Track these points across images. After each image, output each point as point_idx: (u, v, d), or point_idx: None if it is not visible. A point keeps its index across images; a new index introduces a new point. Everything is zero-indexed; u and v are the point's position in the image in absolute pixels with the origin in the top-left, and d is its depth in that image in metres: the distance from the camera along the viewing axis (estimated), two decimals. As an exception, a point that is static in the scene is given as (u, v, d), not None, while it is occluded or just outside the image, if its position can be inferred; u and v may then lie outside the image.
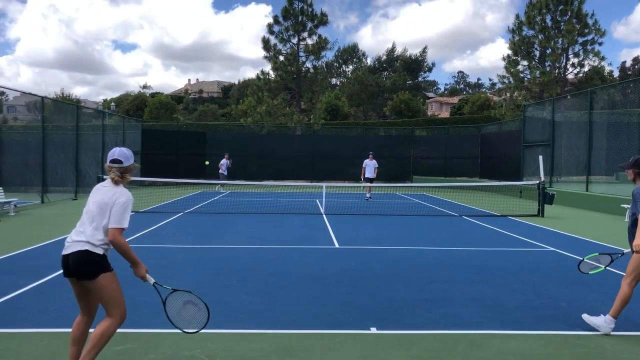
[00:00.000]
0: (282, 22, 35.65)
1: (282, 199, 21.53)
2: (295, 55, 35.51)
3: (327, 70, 40.03)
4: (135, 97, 63.84)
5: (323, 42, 35.75)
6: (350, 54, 74.00)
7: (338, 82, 72.56)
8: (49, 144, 19.40)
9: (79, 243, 3.91)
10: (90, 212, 4.00)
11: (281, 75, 35.72)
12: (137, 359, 4.52)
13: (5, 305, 6.05)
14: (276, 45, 35.77)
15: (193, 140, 32.11)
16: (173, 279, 7.41)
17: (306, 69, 36.50)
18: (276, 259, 9.05)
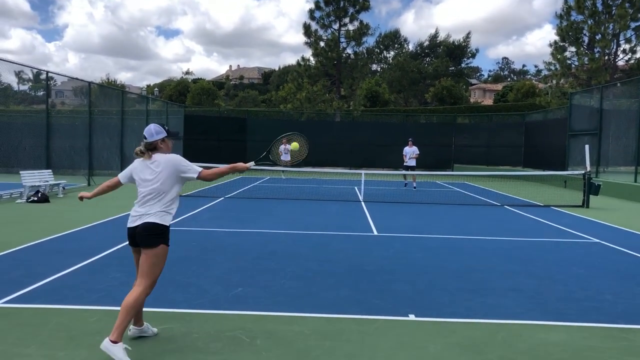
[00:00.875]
0: (323, 7, 35.49)
1: (321, 185, 21.61)
2: (336, 41, 35.35)
3: (368, 56, 39.62)
4: (178, 83, 64.86)
5: (364, 27, 35.45)
6: (391, 39, 73.15)
7: (379, 68, 71.91)
8: (95, 128, 19.99)
9: (149, 216, 4.37)
10: (154, 189, 4.41)
11: (321, 61, 35.64)
12: (180, 337, 4.66)
13: (56, 282, 6.31)
14: (317, 31, 35.69)
15: (234, 125, 32.48)
16: (215, 261, 7.58)
17: (347, 55, 36.30)
18: (315, 245, 9.13)
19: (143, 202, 4.40)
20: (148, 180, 4.40)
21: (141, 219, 4.35)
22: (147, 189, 4.39)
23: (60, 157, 20.16)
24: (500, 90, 70.28)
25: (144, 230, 4.31)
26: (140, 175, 4.44)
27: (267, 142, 20.84)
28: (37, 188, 14.41)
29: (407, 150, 20.60)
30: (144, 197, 4.40)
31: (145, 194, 4.39)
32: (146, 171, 4.44)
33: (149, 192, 4.39)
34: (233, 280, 6.61)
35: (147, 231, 4.31)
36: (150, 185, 4.39)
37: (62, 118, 26.22)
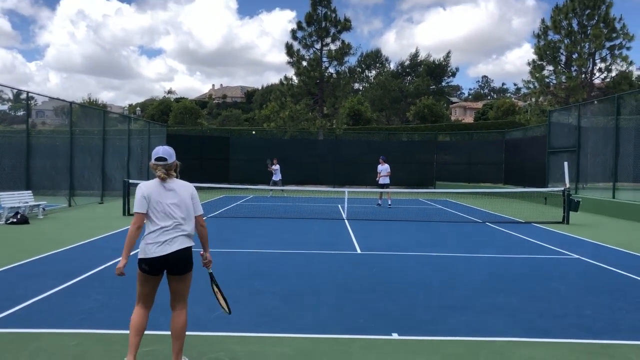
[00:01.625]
0: (305, 27, 35.83)
1: (304, 204, 21.62)
2: (318, 61, 35.65)
3: (350, 75, 40.00)
4: (160, 102, 64.73)
5: (346, 47, 35.83)
6: (373, 59, 73.98)
7: (361, 87, 72.55)
8: (76, 148, 19.82)
9: (185, 238, 4.27)
10: (180, 211, 4.27)
11: (304, 80, 35.88)
12: (164, 359, 4.62)
13: (35, 306, 6.22)
14: (299, 51, 35.96)
15: (217, 144, 32.45)
16: (197, 282, 7.51)
17: (329, 74, 36.60)
18: (298, 264, 9.12)
19: (172, 227, 4.21)
20: (174, 204, 4.26)
21: (176, 244, 4.20)
22: (176, 214, 4.24)
23: (40, 177, 19.94)
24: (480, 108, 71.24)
25: (183, 256, 4.24)
26: (160, 199, 4.24)
27: (250, 161, 20.94)
28: (16, 209, 14.22)
29: (380, 169, 20.63)
30: (173, 222, 4.22)
31: (177, 218, 4.24)
32: (167, 194, 4.27)
33: (179, 217, 4.25)
34: (215, 301, 6.55)
35: (186, 256, 4.27)
36: (178, 209, 4.26)
37: (43, 138, 26.02)
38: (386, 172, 20.47)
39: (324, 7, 35.56)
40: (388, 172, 20.52)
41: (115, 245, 10.54)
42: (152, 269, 4.23)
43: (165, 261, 4.20)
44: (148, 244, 4.19)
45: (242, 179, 30.37)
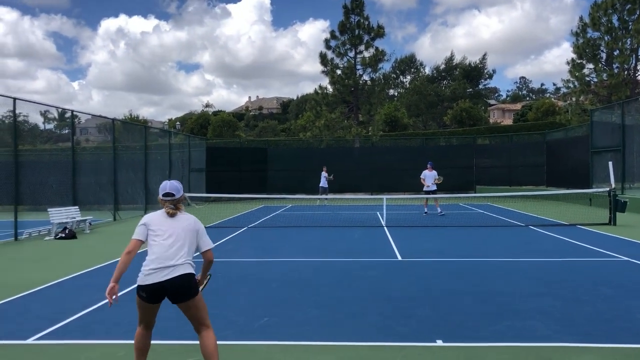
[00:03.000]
0: (338, 36, 35.96)
1: (342, 212, 21.63)
2: (352, 69, 35.70)
3: (385, 81, 39.90)
4: (199, 116, 65.86)
5: (380, 54, 35.78)
6: (407, 64, 73.62)
7: (396, 93, 72.24)
8: (119, 163, 20.38)
9: (181, 268, 4.25)
10: (180, 239, 4.31)
11: (339, 88, 35.97)
12: (209, 369, 4.69)
13: (85, 318, 6.42)
14: (333, 60, 36.09)
15: (255, 156, 32.81)
16: (240, 292, 7.64)
17: (363, 81, 36.59)
18: (339, 271, 9.13)
19: (173, 257, 4.25)
20: (179, 237, 4.32)
21: (174, 272, 4.22)
22: (180, 246, 4.30)
23: (86, 193, 20.54)
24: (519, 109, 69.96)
25: (181, 282, 4.24)
26: (162, 230, 4.31)
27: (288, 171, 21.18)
28: (64, 225, 14.70)
29: (427, 175, 19.55)
30: (175, 252, 4.26)
31: (177, 250, 4.27)
32: (170, 226, 4.33)
33: (183, 249, 4.30)
34: (258, 310, 6.65)
35: (186, 282, 4.27)
36: (184, 242, 4.33)
37: (87, 155, 26.81)
38: (435, 179, 19.48)
39: (356, 15, 35.65)
40: (436, 178, 19.50)
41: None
42: (149, 296, 4.24)
43: (163, 289, 4.20)
44: (146, 271, 4.22)
45: (280, 189, 30.62)
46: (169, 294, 4.23)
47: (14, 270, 9.91)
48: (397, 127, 52.40)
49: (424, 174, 19.70)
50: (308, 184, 29.61)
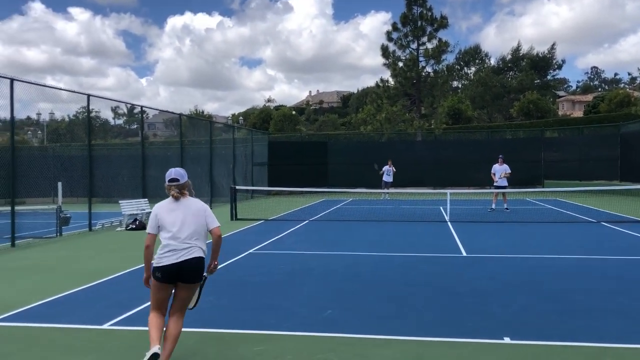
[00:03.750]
0: (400, 28, 35.55)
1: (404, 206, 21.42)
2: (414, 61, 35.23)
3: (448, 73, 39.05)
4: (261, 111, 66.86)
5: (443, 45, 35.10)
6: (472, 55, 71.79)
7: (460, 85, 70.68)
8: (186, 157, 20.98)
9: (195, 250, 4.54)
10: (189, 223, 4.58)
11: (400, 81, 35.57)
12: (275, 358, 4.77)
13: (156, 305, 6.65)
14: (395, 52, 35.73)
15: (315, 150, 32.96)
16: (303, 284, 7.71)
17: (426, 73, 36.04)
18: (402, 266, 9.06)
19: (185, 238, 4.51)
20: (184, 220, 4.56)
21: (188, 253, 4.48)
22: (190, 227, 4.55)
23: (154, 186, 21.27)
24: (590, 101, 66.88)
25: (196, 265, 4.51)
26: (171, 216, 4.58)
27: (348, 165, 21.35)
28: (135, 216, 15.30)
29: (497, 169, 18.77)
30: (185, 235, 4.52)
31: (188, 231, 4.53)
32: (178, 211, 4.59)
33: (193, 230, 4.56)
34: (321, 302, 6.69)
35: (199, 266, 4.55)
36: (193, 223, 4.58)
37: (155, 149, 27.79)
38: (506, 173, 18.63)
39: (419, 6, 35.11)
40: (508, 172, 18.67)
41: (225, 249, 11.02)
42: (165, 276, 4.48)
43: (179, 269, 4.45)
44: (161, 254, 4.49)
45: (341, 183, 30.63)
46: (181, 274, 4.48)
47: (89, 258, 10.41)
48: (461, 120, 51.28)
49: (494, 168, 18.95)
50: (368, 178, 29.47)
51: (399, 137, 36.00)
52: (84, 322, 5.95)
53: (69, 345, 5.25)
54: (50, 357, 4.89)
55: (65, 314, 6.33)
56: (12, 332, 5.68)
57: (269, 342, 5.20)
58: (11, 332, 5.68)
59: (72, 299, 7.11)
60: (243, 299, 6.92)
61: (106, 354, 4.98)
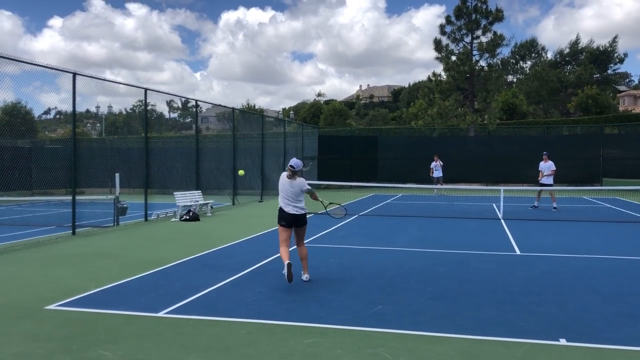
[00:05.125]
0: (454, 21, 34.87)
1: (456, 202, 21.09)
2: (468, 54, 34.51)
3: (503, 67, 38.17)
4: (312, 105, 67.08)
5: (498, 38, 34.22)
6: (528, 48, 69.74)
7: (515, 79, 68.82)
8: (238, 150, 21.31)
9: (300, 208, 7.55)
10: (294, 193, 7.52)
11: (453, 75, 34.91)
12: (325, 352, 4.80)
13: (209, 295, 6.81)
14: (448, 46, 35.07)
15: (365, 144, 32.84)
16: (353, 278, 7.72)
17: (480, 67, 35.24)
18: (454, 264, 8.93)
19: (293, 201, 7.50)
20: (295, 190, 7.53)
21: (298, 210, 7.50)
22: (295, 195, 7.52)
23: (207, 178, 21.74)
24: (655, 95, 63.81)
25: (302, 216, 7.58)
26: (289, 187, 7.53)
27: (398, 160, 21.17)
28: (188, 207, 15.66)
29: (542, 166, 18.22)
30: (293, 199, 7.50)
31: (294, 197, 7.51)
32: (290, 184, 7.54)
33: (297, 196, 7.53)
34: (372, 297, 6.68)
35: (302, 217, 7.58)
36: (298, 193, 7.54)
37: (208, 142, 28.32)
38: (550, 171, 18.09)
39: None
40: (552, 170, 18.10)
41: (277, 241, 11.14)
42: (287, 222, 7.52)
43: (294, 218, 7.50)
44: (284, 207, 7.53)
45: (391, 178, 30.41)
46: (296, 220, 7.51)
47: (145, 248, 10.74)
48: (516, 115, 49.93)
49: (540, 166, 18.40)
50: (419, 173, 29.13)
51: (450, 132, 35.42)
52: (141, 310, 6.14)
53: (126, 331, 5.44)
54: (108, 342, 5.08)
55: (123, 300, 6.55)
56: (74, 316, 5.93)
57: (320, 336, 5.24)
58: (72, 316, 5.93)
59: (129, 286, 7.36)
60: (293, 292, 6.99)
61: (162, 340, 5.12)
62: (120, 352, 4.80)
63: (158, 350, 4.86)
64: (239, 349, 4.89)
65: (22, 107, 34.56)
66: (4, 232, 12.58)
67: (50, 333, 5.36)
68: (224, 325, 5.59)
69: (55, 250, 10.33)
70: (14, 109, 34.00)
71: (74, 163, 12.99)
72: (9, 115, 30.09)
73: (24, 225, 14.19)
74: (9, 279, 7.82)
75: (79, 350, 4.86)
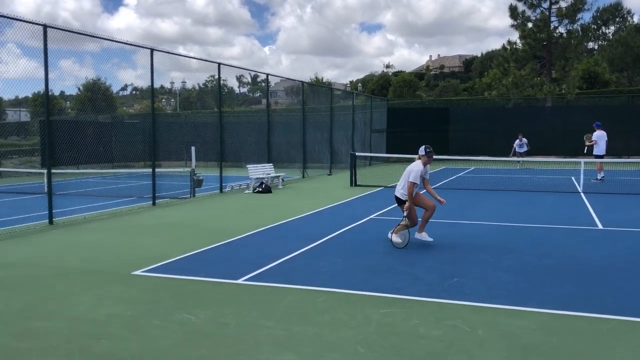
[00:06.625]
0: (531, -14, 33.21)
1: (532, 176, 20.38)
2: (545, 21, 32.83)
3: (583, 34, 35.94)
4: (380, 77, 66.30)
5: (579, 3, 32.29)
6: (611, 13, 65.55)
7: (596, 46, 65.00)
8: (307, 124, 21.45)
9: (398, 191, 8.21)
10: (402, 177, 8.17)
11: (529, 43, 33.35)
12: (402, 322, 4.82)
13: (285, 264, 6.98)
14: (524, 12, 33.47)
15: (436, 116, 32.16)
16: (427, 251, 7.67)
17: (558, 34, 33.46)
18: (532, 238, 8.67)
19: (398, 185, 8.29)
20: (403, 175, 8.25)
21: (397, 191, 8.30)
22: (402, 179, 8.24)
23: (278, 152, 22.08)
24: None
25: (398, 199, 8.27)
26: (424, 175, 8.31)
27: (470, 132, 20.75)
28: (261, 180, 15.99)
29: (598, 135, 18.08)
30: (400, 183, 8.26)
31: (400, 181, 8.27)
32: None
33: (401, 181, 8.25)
34: (447, 270, 6.62)
35: (399, 199, 8.26)
36: (402, 178, 8.24)
37: (277, 116, 28.65)
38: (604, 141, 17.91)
39: (553, -40, 32.50)
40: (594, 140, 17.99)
41: (348, 213, 11.24)
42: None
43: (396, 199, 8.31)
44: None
45: (462, 150, 29.70)
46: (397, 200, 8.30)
47: (221, 218, 11.10)
48: (597, 84, 47.28)
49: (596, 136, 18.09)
50: (493, 146, 28.29)
51: (526, 102, 34.07)
52: (220, 277, 6.38)
53: (209, 296, 5.67)
54: (192, 306, 5.32)
55: (203, 267, 6.83)
56: (159, 281, 6.25)
57: (395, 306, 5.26)
58: (158, 281, 6.25)
59: (208, 254, 7.65)
60: (367, 263, 7.04)
61: (242, 306, 5.31)
62: (203, 316, 5.02)
63: (238, 315, 5.04)
64: (316, 316, 5.00)
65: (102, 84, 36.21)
66: (92, 202, 13.34)
67: (138, 297, 5.68)
68: (300, 293, 5.72)
69: (138, 219, 10.86)
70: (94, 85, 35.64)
71: (154, 137, 13.52)
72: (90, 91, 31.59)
73: (109, 197, 14.98)
74: (98, 246, 8.31)
75: (165, 313, 5.13)
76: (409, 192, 7.86)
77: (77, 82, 31.89)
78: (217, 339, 4.49)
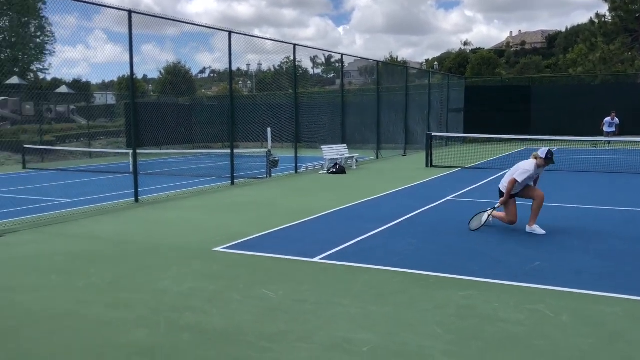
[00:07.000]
0: (624, -47, 31.04)
1: (620, 157, 19.25)
2: (640, -9, 30.67)
3: (682, 3, 33.30)
4: (457, 55, 64.46)
5: (678, -31, 29.94)
6: None
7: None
8: (382, 104, 21.24)
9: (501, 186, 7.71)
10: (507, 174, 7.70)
11: (620, 15, 31.36)
12: (481, 305, 4.72)
13: (360, 244, 7.00)
14: (616, -18, 31.42)
15: (516, 94, 30.89)
16: (506, 234, 7.45)
17: (653, 5, 31.21)
18: (621, 222, 8.23)
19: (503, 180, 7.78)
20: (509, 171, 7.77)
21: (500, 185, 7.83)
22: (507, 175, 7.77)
23: (352, 132, 22.04)
24: None
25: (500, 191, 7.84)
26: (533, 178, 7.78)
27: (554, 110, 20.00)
28: (335, 161, 16.04)
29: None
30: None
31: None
32: None
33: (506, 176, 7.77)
34: (528, 253, 6.40)
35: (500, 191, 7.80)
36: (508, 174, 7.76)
37: (351, 97, 28.54)
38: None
39: None
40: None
41: (422, 194, 11.09)
42: None
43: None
44: None
45: (545, 130, 28.43)
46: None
47: (297, 198, 11.27)
48: (696, 58, 43.75)
49: None
50: (578, 125, 26.88)
51: (615, 79, 32.06)
52: (297, 255, 6.49)
53: (285, 273, 5.80)
54: (270, 282, 5.45)
55: (281, 245, 6.97)
56: (238, 258, 6.44)
57: (474, 289, 5.16)
58: (237, 258, 6.45)
59: (286, 232, 7.80)
60: (444, 245, 6.93)
61: (318, 284, 5.38)
62: (282, 293, 5.13)
63: (315, 293, 5.12)
64: (392, 297, 4.99)
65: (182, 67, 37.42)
66: (174, 182, 13.90)
67: (219, 272, 5.89)
68: (376, 273, 5.72)
69: (218, 198, 11.22)
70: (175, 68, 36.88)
71: (232, 119, 13.86)
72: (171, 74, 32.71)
73: (190, 176, 15.56)
74: (181, 223, 8.67)
75: (244, 288, 5.29)
76: (508, 188, 7.40)
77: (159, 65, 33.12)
78: (295, 314, 4.59)
